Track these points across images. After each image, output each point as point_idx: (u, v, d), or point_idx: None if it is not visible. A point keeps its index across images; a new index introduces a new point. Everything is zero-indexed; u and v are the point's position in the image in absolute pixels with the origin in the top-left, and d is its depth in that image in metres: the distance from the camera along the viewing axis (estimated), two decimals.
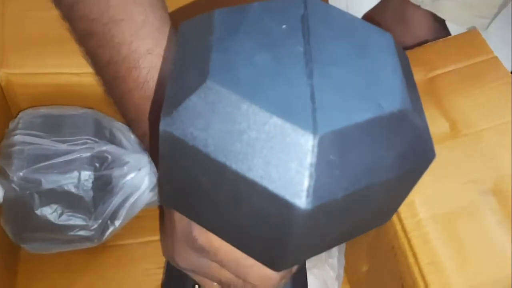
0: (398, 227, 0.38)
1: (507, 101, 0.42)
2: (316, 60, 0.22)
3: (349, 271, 0.50)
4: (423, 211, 0.38)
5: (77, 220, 0.42)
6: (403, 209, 0.38)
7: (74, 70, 0.45)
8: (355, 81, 0.21)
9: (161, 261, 0.46)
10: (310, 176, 0.19)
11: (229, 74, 0.21)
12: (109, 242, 0.46)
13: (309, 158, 0.19)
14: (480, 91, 0.43)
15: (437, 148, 0.41)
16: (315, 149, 0.19)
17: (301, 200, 0.19)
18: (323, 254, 0.49)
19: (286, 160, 0.19)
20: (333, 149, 0.20)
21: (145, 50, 0.34)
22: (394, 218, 0.39)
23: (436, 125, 0.41)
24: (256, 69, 0.21)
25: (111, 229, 0.44)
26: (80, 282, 0.45)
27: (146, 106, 0.33)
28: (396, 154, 0.21)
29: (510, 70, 0.45)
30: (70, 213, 0.42)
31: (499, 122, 0.41)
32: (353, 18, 0.24)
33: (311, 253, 0.25)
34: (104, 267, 0.46)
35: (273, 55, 0.21)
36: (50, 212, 0.41)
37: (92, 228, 0.42)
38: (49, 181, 0.41)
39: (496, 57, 0.45)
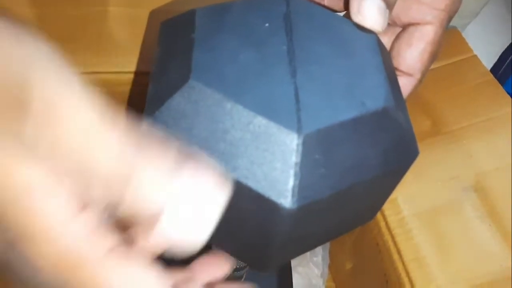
0: (382, 224, 0.39)
1: (487, 99, 0.42)
2: (299, 59, 0.21)
3: (334, 268, 0.50)
4: (406, 208, 0.38)
5: None
6: (386, 206, 0.39)
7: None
8: (338, 79, 0.21)
9: None
10: (295, 175, 0.19)
11: (213, 72, 0.21)
12: None
13: (294, 157, 0.19)
14: (461, 89, 0.43)
15: (419, 146, 0.42)
16: (300, 148, 0.19)
17: (287, 200, 0.19)
18: (308, 253, 0.50)
19: (270, 159, 0.19)
20: (318, 148, 0.20)
21: None
22: (378, 215, 0.39)
23: (417, 123, 0.42)
24: (240, 68, 0.21)
25: None
26: None
27: None
28: (380, 152, 0.21)
29: (489, 69, 0.45)
30: None
31: (479, 119, 0.42)
32: (336, 16, 0.24)
33: (297, 252, 0.25)
34: None
35: (256, 54, 0.21)
36: None
37: None
38: None
39: (476, 56, 0.45)
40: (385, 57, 0.24)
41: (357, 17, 0.25)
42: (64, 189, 0.17)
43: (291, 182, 0.19)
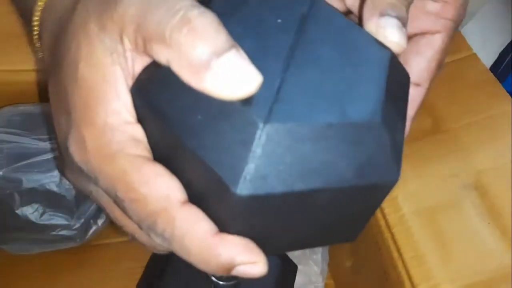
0: (382, 222, 0.39)
1: (487, 97, 0.42)
2: (297, 57, 0.21)
3: (333, 266, 0.50)
4: (406, 206, 0.38)
5: (59, 220, 0.41)
6: (386, 204, 0.39)
7: None
8: (329, 84, 0.21)
9: (144, 259, 0.46)
10: (251, 163, 0.19)
11: None
12: (92, 241, 0.46)
13: (254, 146, 0.19)
14: (460, 88, 0.44)
15: (419, 144, 0.42)
16: (262, 138, 0.19)
17: (237, 185, 0.19)
18: (307, 250, 0.50)
19: (234, 143, 0.19)
20: (282, 143, 0.19)
21: None
22: (378, 214, 0.39)
23: (417, 121, 0.42)
24: None
25: (93, 228, 0.43)
26: (63, 282, 0.45)
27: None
28: (352, 164, 0.20)
29: (489, 67, 0.46)
30: (51, 213, 0.41)
31: (479, 117, 0.42)
32: (357, 27, 0.24)
33: (262, 249, 0.24)
34: (86, 267, 0.46)
35: (258, 45, 0.21)
36: (31, 212, 0.40)
37: (74, 227, 0.42)
38: (30, 180, 0.40)
39: (475, 54, 0.45)
40: (395, 75, 0.23)
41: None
42: (130, 96, 0.22)
43: (245, 169, 0.19)
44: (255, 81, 0.19)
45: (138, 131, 0.22)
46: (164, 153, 0.22)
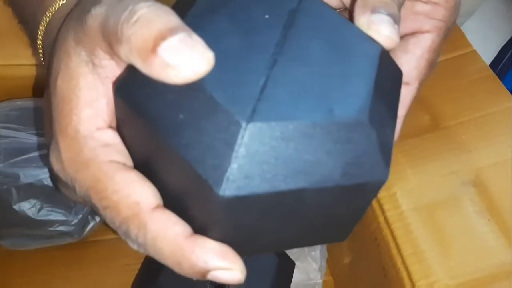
0: (381, 218, 0.39)
1: (486, 94, 0.42)
2: (284, 54, 0.21)
3: (332, 263, 0.50)
4: (405, 203, 0.38)
5: (56, 215, 0.41)
6: (385, 201, 0.39)
7: None
8: (316, 82, 0.20)
9: (141, 256, 0.46)
10: (233, 163, 0.19)
11: None
12: (90, 237, 0.46)
13: (237, 145, 0.19)
14: (460, 84, 0.43)
15: (418, 141, 0.42)
16: (245, 138, 0.19)
17: (220, 186, 0.19)
18: (306, 247, 0.50)
19: (216, 143, 0.19)
20: (265, 142, 0.19)
21: None
22: (377, 210, 0.39)
23: (416, 118, 0.42)
24: (218, 50, 0.20)
25: (91, 224, 0.43)
26: (60, 278, 0.45)
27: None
28: (339, 164, 0.20)
29: (488, 65, 0.45)
30: (49, 208, 0.41)
31: (479, 114, 0.42)
32: (347, 23, 0.23)
33: (248, 249, 0.24)
34: (84, 263, 0.46)
35: (244, 41, 0.21)
36: (28, 207, 0.40)
37: (72, 223, 0.42)
38: (28, 175, 0.40)
39: (475, 51, 0.45)
40: (385, 71, 0.23)
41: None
42: (103, 101, 0.22)
43: (228, 170, 0.19)
44: (204, 60, 0.19)
45: (111, 137, 0.22)
46: (147, 153, 0.22)
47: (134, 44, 0.19)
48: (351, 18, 0.25)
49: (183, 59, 0.18)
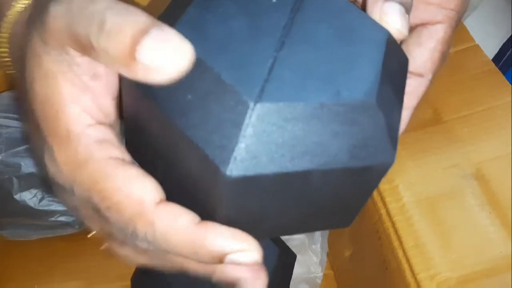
0: (383, 211, 0.39)
1: (488, 88, 0.42)
2: (292, 37, 0.21)
3: (332, 256, 0.50)
4: (407, 196, 0.38)
5: (57, 206, 0.41)
6: (387, 193, 0.39)
7: None
8: (323, 64, 0.21)
9: None
10: (241, 143, 0.19)
11: (197, 30, 0.20)
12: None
13: (244, 125, 0.19)
14: (462, 78, 0.43)
15: (420, 134, 0.42)
16: (253, 118, 0.19)
17: (227, 166, 0.19)
18: (306, 240, 0.50)
19: (223, 123, 0.19)
20: (272, 123, 0.19)
21: None
22: (379, 203, 0.39)
23: (418, 111, 0.42)
24: (226, 33, 0.20)
25: None
26: (61, 268, 0.45)
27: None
28: (345, 146, 0.20)
29: (491, 58, 0.45)
30: (50, 198, 0.41)
31: (481, 108, 0.42)
32: (355, 9, 0.23)
33: (254, 232, 0.24)
34: (85, 254, 0.46)
35: (251, 24, 0.21)
36: (29, 197, 0.40)
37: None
38: (29, 165, 0.40)
39: (477, 45, 0.45)
40: (392, 56, 0.23)
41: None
42: (88, 98, 0.21)
43: (235, 150, 0.19)
44: (183, 55, 0.18)
45: (105, 132, 0.22)
46: (154, 135, 0.22)
47: (112, 56, 0.19)
48: (364, 7, 0.25)
49: (162, 59, 0.18)
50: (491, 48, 0.62)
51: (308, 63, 0.20)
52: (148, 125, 0.22)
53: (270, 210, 0.22)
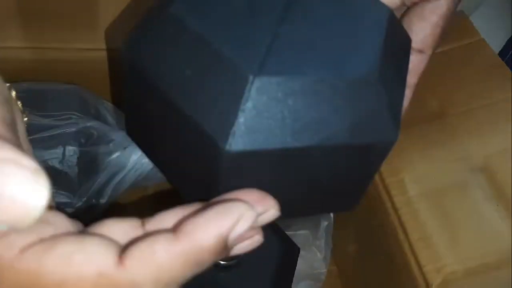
0: (388, 204, 0.38)
1: (494, 82, 0.42)
2: (292, 13, 0.21)
3: (336, 251, 0.50)
4: (413, 188, 0.38)
5: (60, 198, 0.41)
6: (393, 186, 0.38)
7: (58, 45, 0.44)
8: (324, 40, 0.20)
9: None
10: (240, 117, 0.18)
11: (196, 6, 0.20)
12: None
13: (244, 99, 0.18)
14: (468, 72, 0.43)
15: (426, 127, 0.41)
16: (252, 92, 0.18)
17: (226, 141, 0.18)
18: (310, 236, 0.49)
19: (222, 97, 0.19)
20: (272, 97, 0.19)
21: None
22: (384, 196, 0.39)
23: (425, 105, 0.42)
24: (227, 9, 0.20)
25: (96, 207, 0.43)
26: None
27: None
28: (346, 122, 0.20)
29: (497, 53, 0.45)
30: (53, 190, 0.40)
31: (487, 101, 0.41)
32: None
33: None
34: None
35: (251, 1, 0.21)
36: None
37: (76, 206, 0.41)
38: None
39: (483, 39, 0.45)
40: (394, 34, 0.23)
41: None
42: None
43: (234, 125, 0.18)
44: (39, 197, 0.14)
45: None
46: (153, 112, 0.21)
47: None
48: None
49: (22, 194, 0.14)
50: (496, 45, 0.62)
51: (309, 39, 0.20)
52: (148, 102, 0.21)
53: (270, 187, 0.21)
